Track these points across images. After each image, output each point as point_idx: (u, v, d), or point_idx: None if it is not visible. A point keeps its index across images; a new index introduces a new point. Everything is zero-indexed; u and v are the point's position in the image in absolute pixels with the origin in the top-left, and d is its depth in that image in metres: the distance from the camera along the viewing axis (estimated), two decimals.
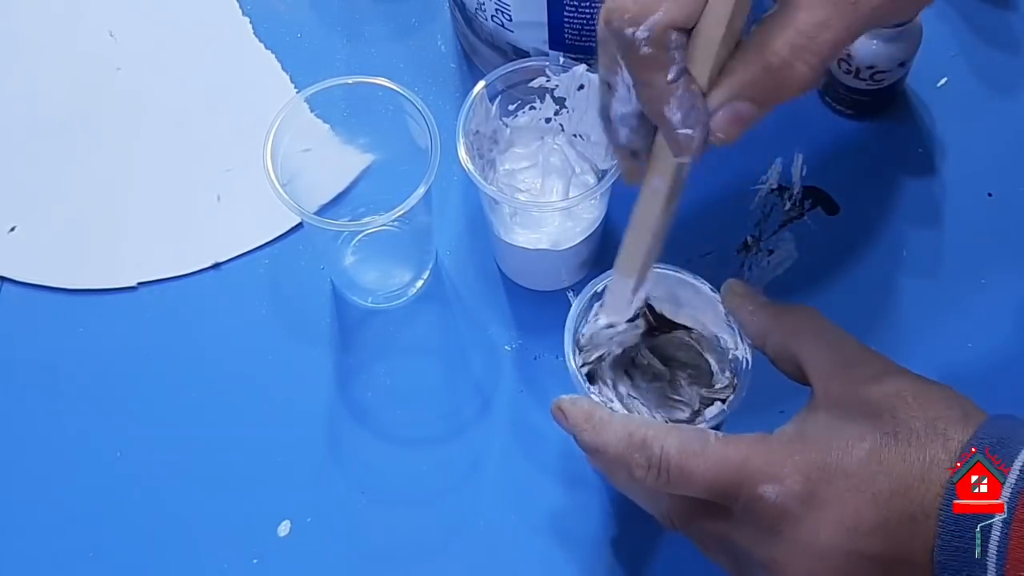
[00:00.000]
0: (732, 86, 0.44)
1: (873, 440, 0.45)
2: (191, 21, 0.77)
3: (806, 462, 0.46)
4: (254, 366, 0.65)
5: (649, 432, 0.49)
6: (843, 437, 0.46)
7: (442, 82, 0.73)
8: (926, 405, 0.46)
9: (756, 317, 0.53)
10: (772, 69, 0.44)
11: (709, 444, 0.47)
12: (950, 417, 0.46)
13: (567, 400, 0.52)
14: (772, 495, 0.45)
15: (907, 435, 0.45)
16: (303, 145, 0.62)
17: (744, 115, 0.45)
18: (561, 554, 0.59)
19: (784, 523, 0.46)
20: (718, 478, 0.47)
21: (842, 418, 0.47)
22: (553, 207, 0.62)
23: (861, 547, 0.45)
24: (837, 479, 0.45)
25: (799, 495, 0.45)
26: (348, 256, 0.67)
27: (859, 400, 0.47)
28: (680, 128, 0.45)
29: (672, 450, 0.48)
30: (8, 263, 0.68)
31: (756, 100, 0.45)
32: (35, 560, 0.60)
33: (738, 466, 0.47)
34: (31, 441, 0.63)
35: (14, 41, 0.76)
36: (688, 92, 0.45)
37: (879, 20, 0.45)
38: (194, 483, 0.62)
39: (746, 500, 0.46)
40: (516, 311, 0.66)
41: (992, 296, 0.65)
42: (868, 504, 0.44)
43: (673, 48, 0.44)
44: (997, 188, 0.68)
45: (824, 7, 0.43)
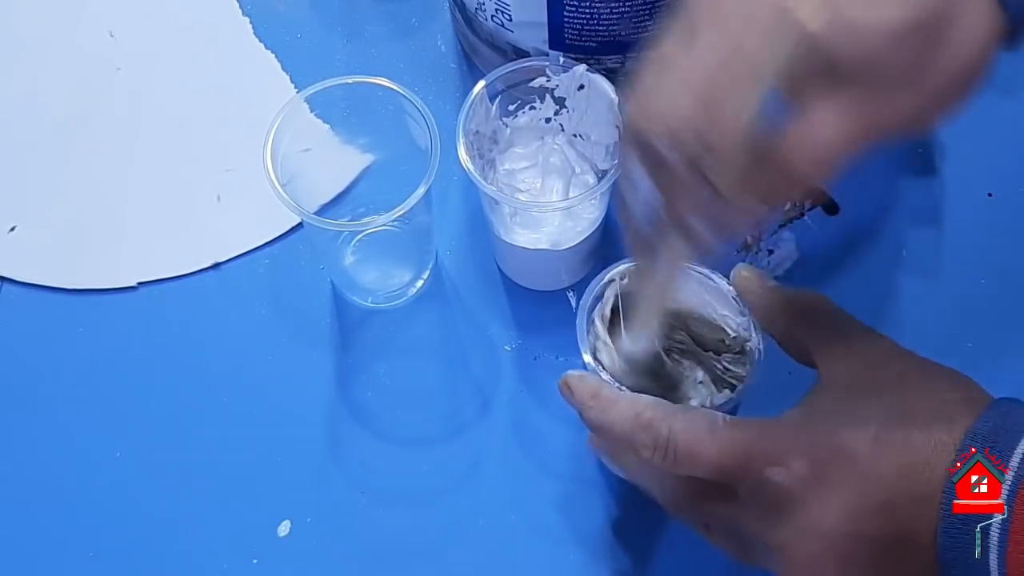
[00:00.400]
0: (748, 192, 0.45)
1: (878, 423, 0.46)
2: (191, 21, 0.77)
3: (812, 445, 0.46)
4: (254, 366, 0.65)
5: (657, 413, 0.49)
6: (849, 420, 0.46)
7: (442, 82, 0.73)
8: (932, 388, 0.47)
9: (764, 301, 0.54)
10: (787, 176, 0.44)
11: (717, 426, 0.48)
12: (955, 400, 0.46)
13: (575, 376, 0.52)
14: (778, 478, 0.46)
15: (912, 418, 0.45)
16: (303, 145, 0.62)
17: (761, 214, 0.46)
18: (561, 554, 0.59)
19: (790, 505, 0.46)
20: (725, 460, 0.47)
21: (848, 401, 0.47)
22: (553, 207, 0.62)
23: (865, 529, 0.45)
24: (843, 461, 0.45)
25: (805, 478, 0.45)
26: (348, 256, 0.67)
27: (865, 383, 0.48)
28: (704, 234, 0.46)
29: (679, 432, 0.48)
30: (8, 263, 0.68)
31: (769, 201, 0.46)
32: (35, 560, 0.60)
33: (745, 449, 0.47)
34: (31, 441, 0.63)
35: (14, 41, 0.76)
36: (715, 203, 0.45)
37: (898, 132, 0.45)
38: (194, 483, 0.62)
39: (753, 482, 0.47)
40: (516, 311, 0.66)
41: (992, 296, 0.65)
42: (873, 486, 0.45)
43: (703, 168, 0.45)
44: (997, 188, 0.68)
45: (840, 116, 0.43)
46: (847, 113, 0.43)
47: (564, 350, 0.64)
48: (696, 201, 0.45)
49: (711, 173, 0.44)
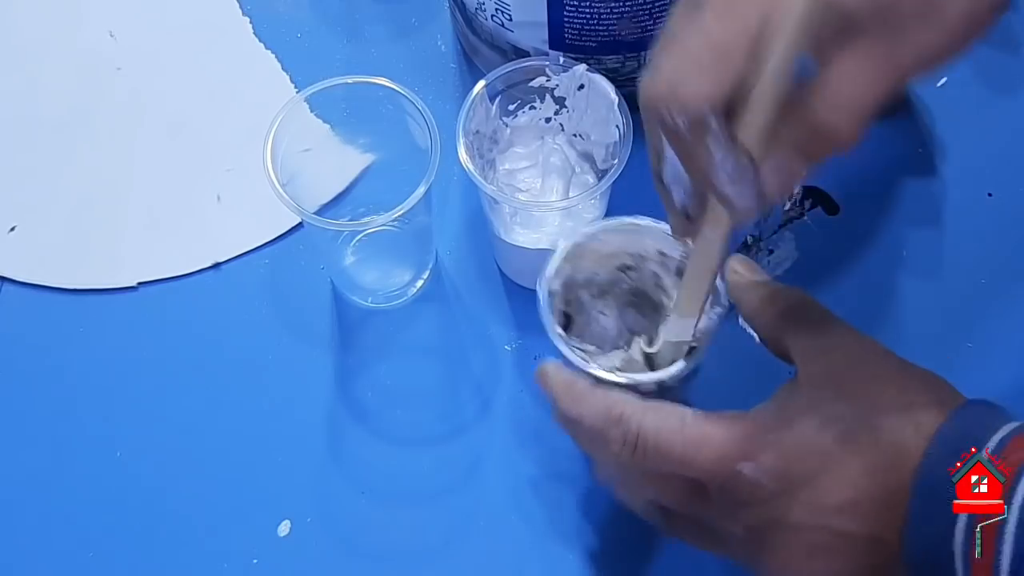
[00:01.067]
0: (780, 145, 0.45)
1: (848, 422, 0.46)
2: (191, 21, 0.77)
3: (781, 440, 0.47)
4: (254, 366, 0.65)
5: (627, 408, 0.49)
6: (819, 418, 0.47)
7: (442, 82, 0.73)
8: (903, 389, 0.47)
9: (749, 294, 0.54)
10: (815, 130, 0.44)
11: (687, 422, 0.48)
12: (924, 403, 0.46)
13: (551, 366, 0.52)
14: (748, 472, 0.46)
15: (881, 420, 0.46)
16: (303, 145, 0.62)
17: (792, 171, 0.45)
18: (561, 554, 0.59)
19: (760, 499, 0.47)
20: (695, 456, 0.47)
21: (819, 399, 0.48)
22: (553, 207, 0.62)
23: (833, 524, 0.45)
24: (811, 458, 0.46)
25: (773, 472, 0.46)
26: (348, 256, 0.67)
27: (838, 382, 0.48)
28: (732, 195, 0.46)
29: (649, 428, 0.48)
30: (8, 263, 0.68)
31: (802, 158, 0.45)
32: (35, 560, 0.60)
33: (716, 444, 0.47)
34: (31, 441, 0.63)
35: (14, 41, 0.76)
36: (736, 163, 0.45)
37: (920, 72, 0.45)
38: (194, 483, 0.62)
39: (723, 478, 0.47)
40: (516, 311, 0.66)
41: (992, 296, 0.65)
42: (839, 484, 0.45)
43: (714, 127, 0.44)
44: (997, 188, 0.68)
45: (861, 65, 0.44)
46: (868, 62, 0.44)
47: None
48: (719, 163, 0.45)
49: (739, 132, 0.44)
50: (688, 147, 0.46)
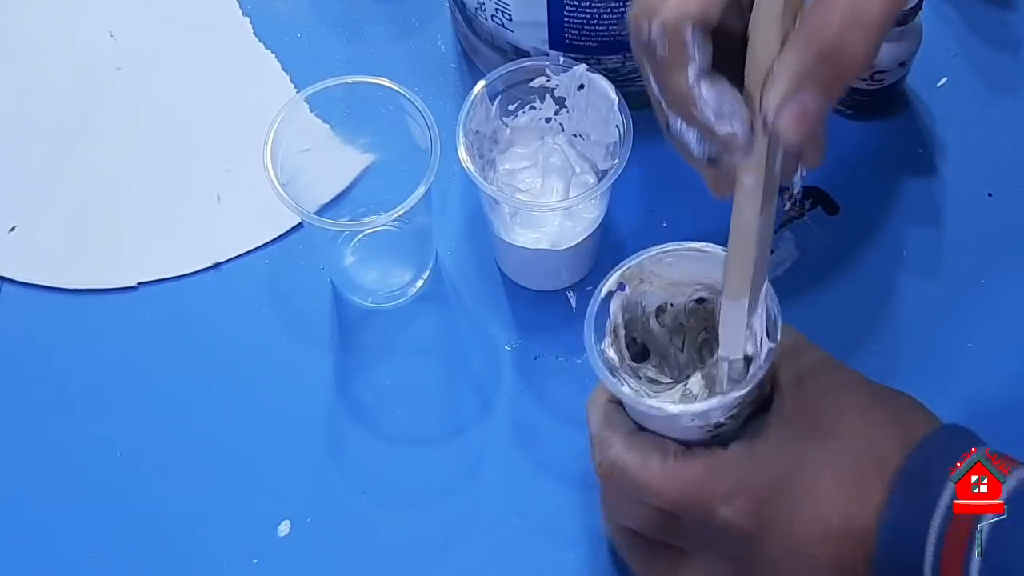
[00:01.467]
0: (790, 78, 0.42)
1: (816, 463, 0.48)
2: (191, 21, 0.77)
3: (754, 481, 0.48)
4: (254, 366, 0.65)
5: (613, 436, 0.50)
6: (790, 457, 0.48)
7: (442, 82, 0.73)
8: (871, 424, 0.49)
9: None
10: (827, 52, 0.41)
11: (667, 461, 0.49)
12: (888, 438, 0.48)
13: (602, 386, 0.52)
14: (724, 512, 0.48)
15: (848, 457, 0.48)
16: (303, 145, 0.62)
17: (809, 107, 0.42)
18: (561, 554, 0.59)
19: (735, 538, 0.49)
20: (673, 494, 0.49)
21: (791, 437, 0.49)
22: (553, 207, 0.62)
23: (807, 555, 0.48)
24: (782, 498, 0.48)
25: (747, 515, 0.48)
26: (348, 256, 0.67)
27: (809, 417, 0.49)
28: (717, 129, 0.44)
29: (627, 460, 0.49)
30: (8, 263, 0.68)
31: (818, 89, 0.42)
32: (35, 560, 0.60)
33: (694, 484, 0.48)
34: (31, 441, 0.63)
35: (14, 41, 0.76)
36: (713, 87, 0.43)
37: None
38: (194, 483, 0.62)
39: (700, 517, 0.49)
40: (516, 311, 0.66)
41: (992, 296, 0.65)
42: (810, 523, 0.48)
43: (690, 45, 0.43)
44: (997, 188, 0.68)
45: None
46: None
47: (564, 350, 0.64)
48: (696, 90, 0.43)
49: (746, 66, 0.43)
50: (665, 71, 0.44)
